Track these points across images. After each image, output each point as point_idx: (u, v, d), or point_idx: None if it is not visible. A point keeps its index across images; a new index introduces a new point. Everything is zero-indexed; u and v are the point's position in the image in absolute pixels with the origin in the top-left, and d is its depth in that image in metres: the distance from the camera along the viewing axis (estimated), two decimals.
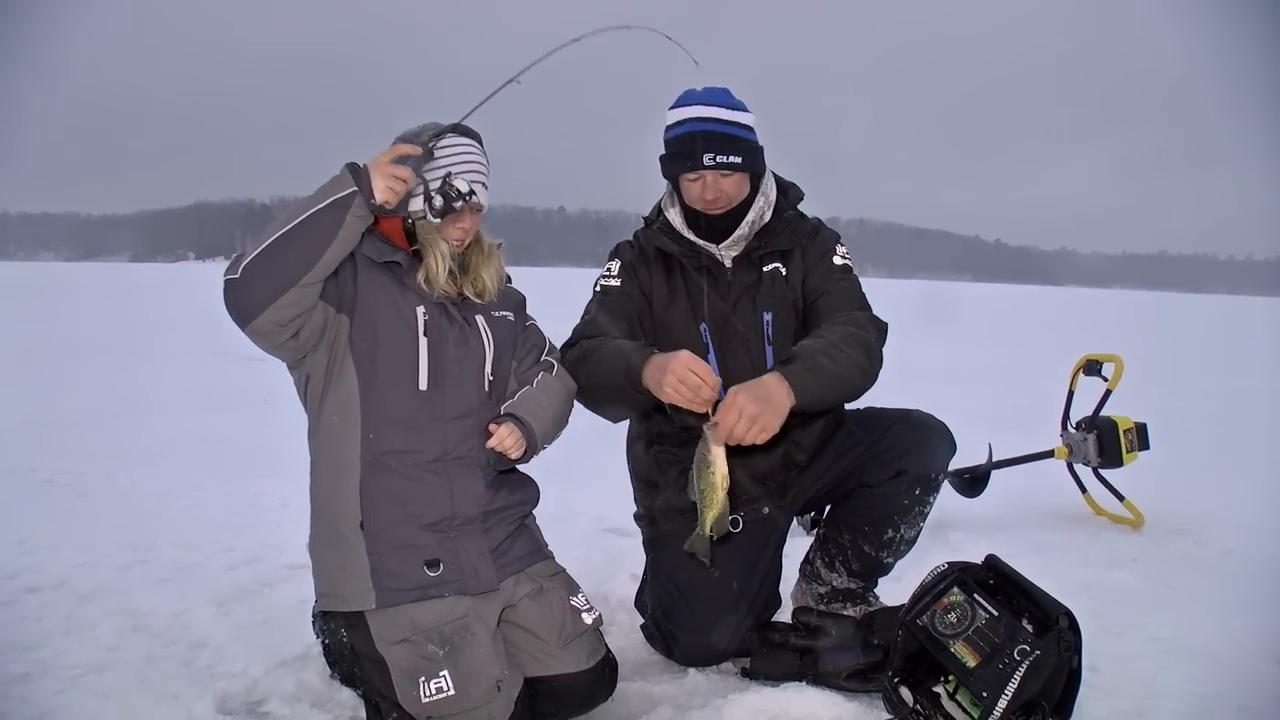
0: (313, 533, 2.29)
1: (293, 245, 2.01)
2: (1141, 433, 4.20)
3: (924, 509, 2.70)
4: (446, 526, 2.24)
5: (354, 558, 2.18)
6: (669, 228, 2.80)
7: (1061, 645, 2.04)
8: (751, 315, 2.73)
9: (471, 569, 2.24)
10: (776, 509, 2.78)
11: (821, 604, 2.88)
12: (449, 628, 2.16)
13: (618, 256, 2.85)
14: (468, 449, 2.28)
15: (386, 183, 2.06)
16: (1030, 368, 11.69)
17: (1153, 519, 4.28)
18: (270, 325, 2.03)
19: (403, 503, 2.21)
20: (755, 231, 2.75)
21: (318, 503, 2.27)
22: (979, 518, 4.28)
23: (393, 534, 2.19)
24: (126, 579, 3.30)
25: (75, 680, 2.52)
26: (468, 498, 2.27)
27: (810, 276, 2.76)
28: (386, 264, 2.24)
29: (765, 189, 2.77)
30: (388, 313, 2.20)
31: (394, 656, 2.15)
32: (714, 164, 2.60)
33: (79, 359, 10.19)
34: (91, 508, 4.26)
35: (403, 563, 2.18)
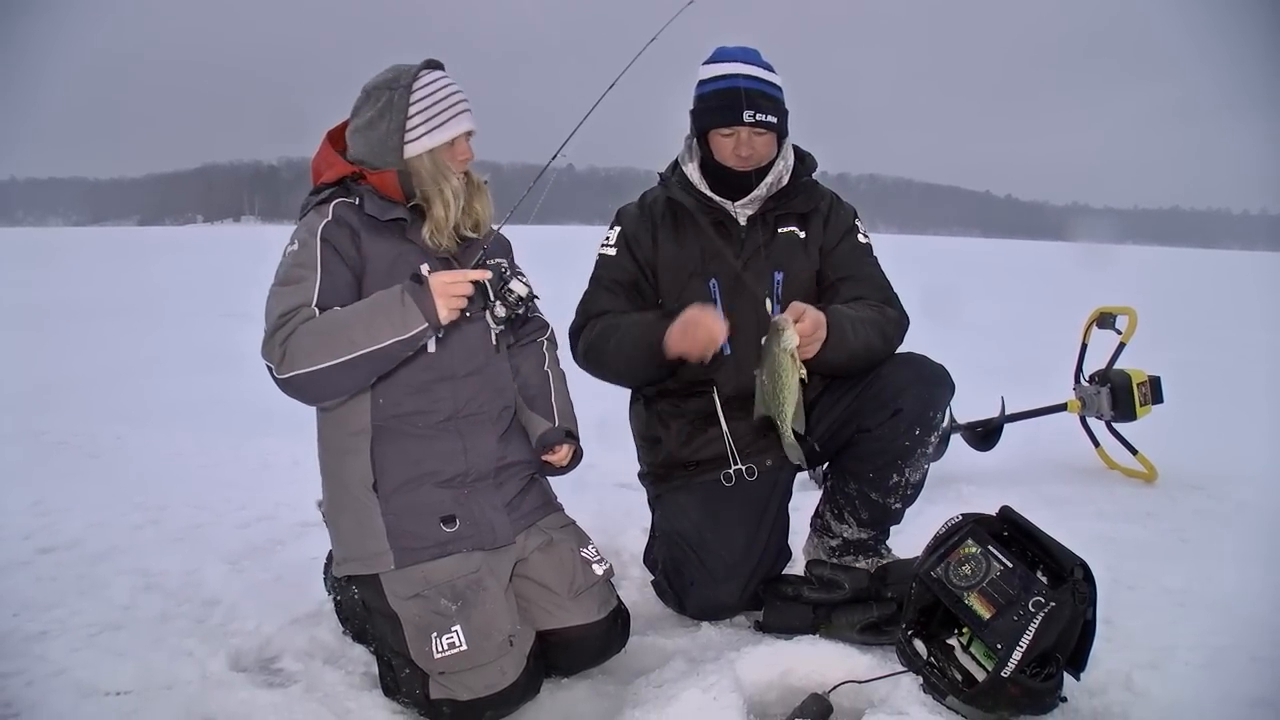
0: (326, 498, 2.30)
1: (350, 372, 2.01)
2: (1155, 386, 4.16)
3: (925, 450, 2.67)
4: (461, 482, 2.25)
5: (370, 520, 2.18)
6: (686, 182, 2.78)
7: (1076, 597, 2.03)
8: (762, 273, 2.72)
9: (487, 524, 2.25)
10: (780, 460, 2.77)
11: (833, 557, 2.87)
12: (461, 582, 2.16)
13: (618, 223, 2.85)
14: (478, 405, 2.29)
15: (449, 305, 2.02)
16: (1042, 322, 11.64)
17: (1166, 473, 4.26)
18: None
19: (416, 461, 2.21)
20: (772, 193, 2.75)
21: (329, 469, 2.28)
22: (991, 471, 4.27)
23: (407, 494, 2.20)
24: (139, 539, 3.32)
25: (91, 638, 2.53)
26: (480, 453, 2.28)
27: (834, 252, 2.79)
28: (390, 221, 2.22)
29: (785, 153, 2.77)
30: (394, 275, 2.17)
31: (406, 612, 2.16)
32: (754, 121, 2.62)
33: (89, 322, 10.20)
34: (103, 469, 4.27)
35: (419, 521, 2.19)
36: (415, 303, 1.98)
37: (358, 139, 2.27)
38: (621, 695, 2.28)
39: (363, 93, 2.28)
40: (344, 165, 2.26)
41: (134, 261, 23.57)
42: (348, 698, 2.25)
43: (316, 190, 2.27)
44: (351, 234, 2.17)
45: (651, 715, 2.06)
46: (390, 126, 2.21)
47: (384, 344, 1.99)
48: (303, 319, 2.02)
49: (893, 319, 2.66)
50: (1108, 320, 4.32)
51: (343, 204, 2.21)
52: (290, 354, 1.98)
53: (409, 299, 1.99)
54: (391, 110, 2.21)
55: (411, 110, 2.21)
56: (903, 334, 2.69)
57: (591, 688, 2.37)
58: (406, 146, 2.22)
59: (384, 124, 2.22)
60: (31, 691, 2.26)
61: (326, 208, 2.19)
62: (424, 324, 1.99)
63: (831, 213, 2.83)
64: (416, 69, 2.25)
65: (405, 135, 2.21)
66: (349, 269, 2.15)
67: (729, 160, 2.69)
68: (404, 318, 1.99)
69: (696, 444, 2.76)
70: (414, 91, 2.22)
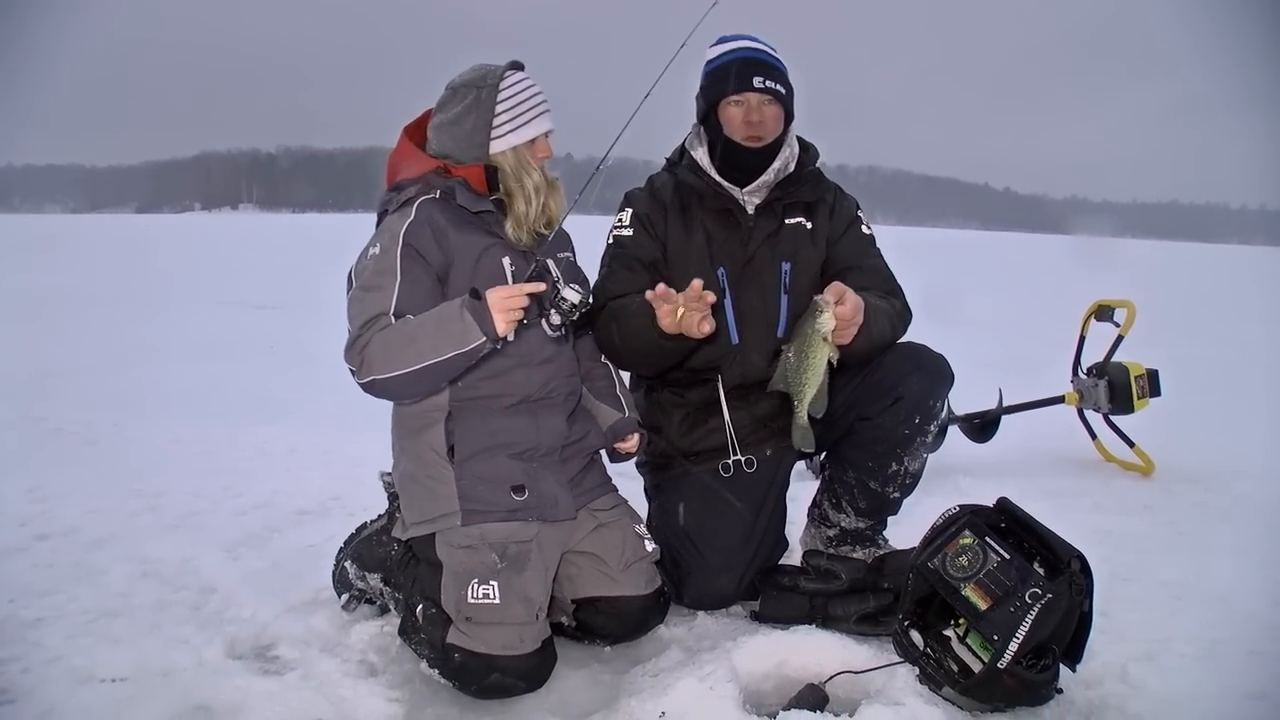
0: (398, 470, 2.42)
1: (421, 379, 2.14)
2: (1153, 379, 4.16)
3: (924, 438, 2.67)
4: (531, 456, 2.36)
5: (442, 485, 2.29)
6: (695, 166, 2.79)
7: (1073, 588, 2.03)
8: (770, 263, 2.73)
9: (551, 497, 2.35)
10: (779, 451, 2.77)
11: (831, 547, 2.88)
12: (514, 547, 2.26)
13: (629, 205, 2.83)
14: (550, 390, 2.41)
15: (507, 319, 2.10)
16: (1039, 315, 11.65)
17: (1163, 466, 4.26)
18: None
19: (492, 433, 2.33)
20: (779, 180, 2.76)
21: (403, 441, 2.40)
22: (988, 463, 4.28)
23: (481, 461, 2.30)
24: (136, 526, 3.31)
25: (87, 625, 2.53)
26: (550, 431, 2.40)
27: (839, 243, 2.80)
28: (477, 214, 2.33)
29: (791, 140, 2.79)
30: (479, 267, 2.30)
31: (453, 559, 2.26)
32: (763, 88, 2.65)
33: (87, 309, 10.18)
34: (101, 456, 4.26)
35: (491, 488, 2.29)
36: (474, 318, 2.08)
37: (443, 134, 2.39)
38: (618, 684, 2.28)
39: (448, 89, 2.41)
40: (427, 160, 2.38)
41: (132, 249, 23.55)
42: (343, 686, 2.24)
43: (396, 187, 2.37)
44: (434, 232, 2.26)
45: (648, 704, 2.07)
46: (478, 123, 2.34)
47: (446, 356, 2.10)
48: (379, 328, 2.15)
49: (899, 310, 2.66)
50: (1106, 313, 4.32)
51: (426, 201, 2.30)
52: (367, 362, 2.13)
53: (468, 315, 2.08)
54: (479, 107, 2.34)
55: (498, 108, 2.34)
56: (907, 326, 2.70)
57: (589, 676, 2.37)
58: (493, 143, 2.35)
59: (471, 120, 2.34)
60: (28, 678, 2.25)
61: (410, 208, 2.29)
62: (482, 338, 2.09)
63: (837, 204, 2.84)
64: (503, 69, 2.37)
65: (491, 131, 2.34)
66: (431, 270, 2.25)
67: (738, 132, 2.69)
68: (464, 333, 2.08)
69: (697, 434, 2.76)
70: (501, 90, 2.35)
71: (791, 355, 2.33)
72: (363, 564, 2.57)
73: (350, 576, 2.59)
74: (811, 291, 2.74)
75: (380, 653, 2.43)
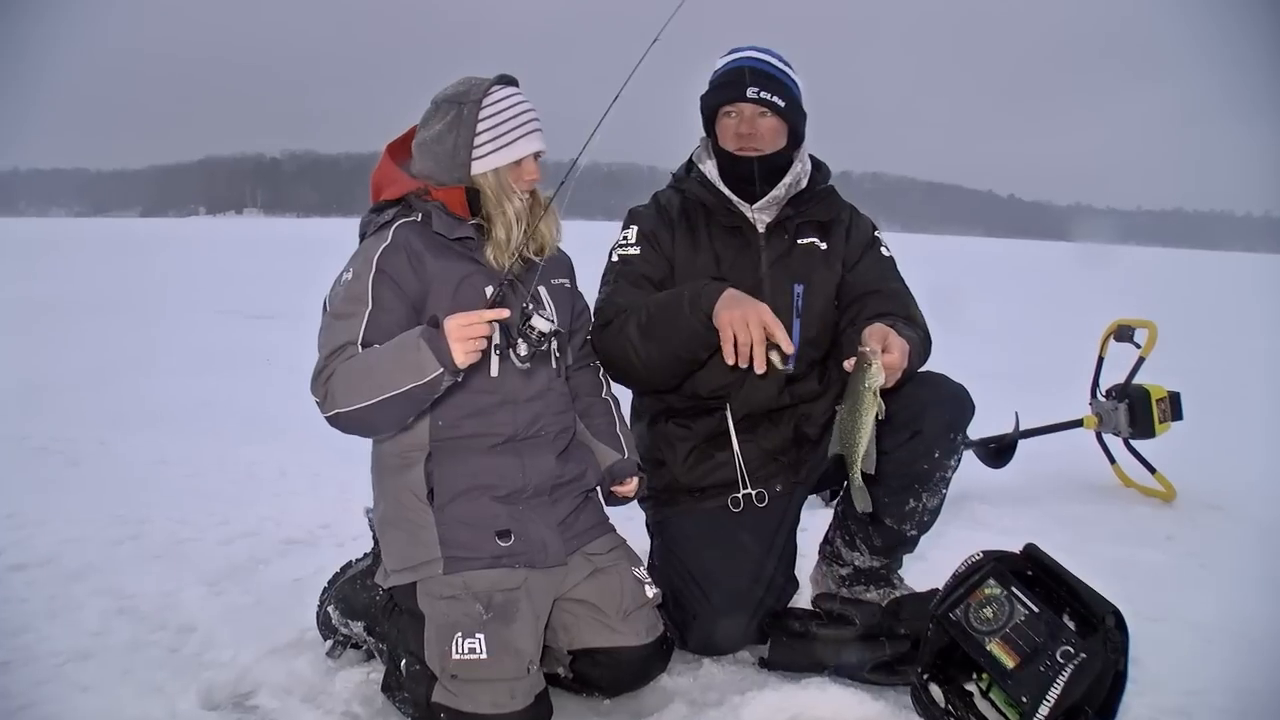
0: (377, 511, 2.28)
1: (383, 412, 1.98)
2: (1175, 402, 4.02)
3: (945, 474, 2.53)
4: (517, 498, 2.22)
5: (422, 531, 2.15)
6: (704, 179, 2.66)
7: (1109, 647, 1.89)
8: (782, 285, 2.59)
9: (540, 542, 2.20)
10: (789, 486, 2.63)
11: (843, 586, 2.73)
12: (500, 595, 2.12)
13: (634, 223, 2.68)
14: (538, 428, 2.26)
15: (466, 349, 1.93)
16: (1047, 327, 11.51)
17: (1183, 492, 4.11)
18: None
19: (474, 474, 2.18)
20: (790, 197, 2.62)
21: (382, 482, 2.26)
22: (1004, 489, 4.13)
23: (463, 504, 2.17)
24: (116, 556, 3.17)
25: (57, 669, 2.38)
26: (538, 471, 2.25)
27: (857, 266, 2.65)
28: (457, 239, 2.18)
29: (802, 156, 2.66)
30: (459, 295, 2.15)
31: (435, 611, 2.11)
32: (756, 98, 2.52)
33: (83, 318, 10.04)
34: (84, 478, 4.12)
35: (474, 533, 2.15)
36: (431, 348, 1.91)
37: (424, 152, 2.24)
38: None
39: (431, 105, 2.26)
40: (408, 181, 2.24)
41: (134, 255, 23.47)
42: None
43: (378, 208, 2.24)
44: (411, 258, 2.12)
45: None
46: (458, 141, 2.18)
47: (404, 388, 1.93)
48: (344, 358, 2.01)
49: (923, 339, 2.50)
50: (1126, 333, 4.16)
51: (405, 225, 2.17)
52: (331, 394, 1.99)
53: (424, 345, 1.92)
54: (460, 125, 2.18)
55: (480, 126, 2.18)
56: (929, 354, 2.54)
57: None
58: (474, 163, 2.19)
59: (452, 139, 2.19)
60: None
61: (387, 231, 2.16)
62: (439, 369, 1.92)
63: (853, 224, 2.70)
64: (488, 83, 2.22)
65: (473, 151, 2.18)
66: (405, 298, 2.11)
67: (730, 144, 2.57)
68: (420, 364, 1.92)
69: (704, 468, 2.61)
70: (484, 107, 2.19)
71: (845, 415, 2.14)
72: (346, 610, 2.42)
73: (334, 622, 2.44)
74: (824, 316, 2.61)
75: (365, 704, 2.29)
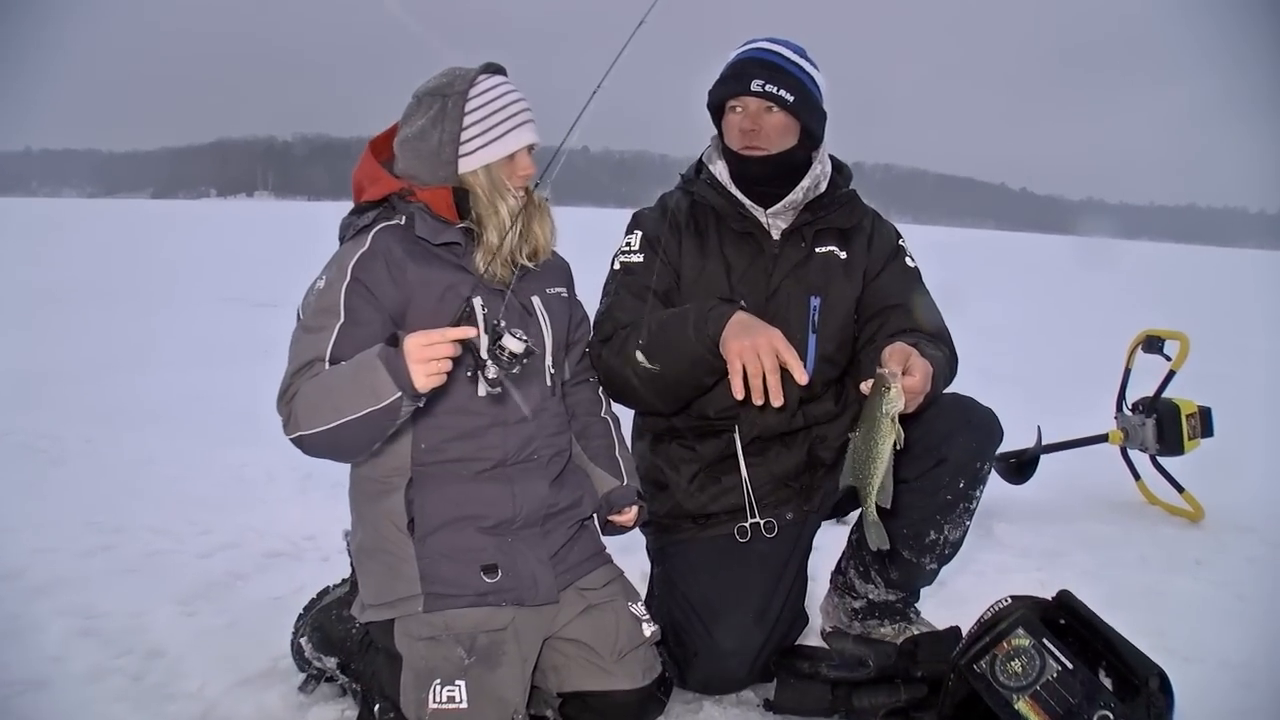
0: (355, 539, 2.10)
1: (345, 437, 1.80)
2: (1205, 418, 3.82)
3: (969, 505, 2.35)
4: (506, 529, 2.04)
5: (402, 564, 1.97)
6: (714, 181, 2.45)
7: (1152, 713, 1.71)
8: (797, 297, 2.39)
9: (530, 577, 2.03)
10: (801, 514, 2.45)
11: (856, 620, 2.56)
12: (484, 638, 1.95)
13: (638, 228, 2.49)
14: (531, 452, 2.08)
15: (427, 371, 1.71)
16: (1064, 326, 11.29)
17: (1211, 510, 3.91)
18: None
19: (458, 503, 2.00)
20: (808, 201, 2.41)
21: (359, 508, 2.09)
22: (1024, 506, 3.92)
23: (447, 536, 1.99)
24: (87, 569, 3.00)
25: (7, 702, 2.22)
26: (530, 499, 2.06)
27: (880, 278, 2.45)
28: (443, 245, 1.99)
29: (821, 158, 2.44)
30: (443, 307, 1.94)
31: (413, 653, 1.95)
32: (760, 91, 2.30)
33: (85, 306, 9.90)
34: (65, 480, 3.95)
35: (458, 567, 1.98)
36: (388, 370, 1.71)
37: (407, 150, 2.05)
38: None
39: (414, 98, 2.06)
40: (390, 180, 2.04)
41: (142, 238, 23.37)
42: None
43: (359, 209, 2.04)
44: (390, 265, 1.94)
45: None
46: (444, 137, 1.99)
47: (362, 413, 1.74)
48: (310, 376, 1.84)
49: (949, 358, 2.31)
50: (1155, 344, 3.94)
51: (385, 230, 1.98)
52: (294, 415, 1.82)
53: (380, 365, 1.71)
54: (445, 119, 1.99)
55: (467, 120, 2.00)
56: (955, 375, 2.35)
57: None
58: (461, 160, 2.00)
59: (436, 134, 2.00)
60: None
61: (365, 236, 1.97)
62: (397, 393, 1.71)
63: (875, 232, 2.49)
64: (474, 73, 2.04)
65: (460, 148, 2.00)
66: (382, 310, 1.93)
67: (735, 142, 2.37)
68: (377, 386, 1.72)
69: (710, 493, 2.43)
70: (470, 99, 2.00)
71: (860, 443, 1.94)
72: (321, 642, 2.25)
73: (307, 654, 2.27)
74: (843, 331, 2.41)
75: None
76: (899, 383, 1.90)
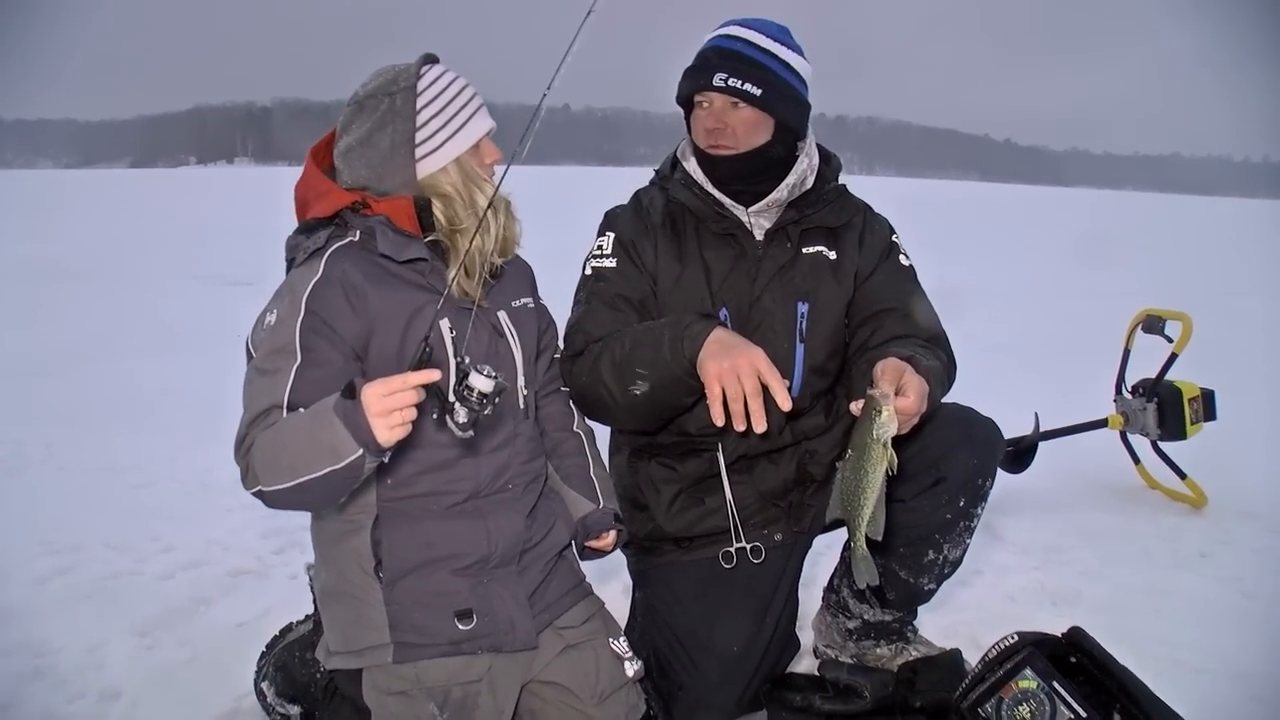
0: (319, 578, 1.93)
1: (307, 495, 1.61)
2: (1208, 401, 3.69)
3: (970, 524, 2.21)
4: (480, 569, 1.87)
5: (369, 610, 1.81)
6: (689, 179, 2.27)
7: None
8: (783, 302, 2.22)
9: (507, 621, 1.86)
10: (791, 535, 2.30)
11: (851, 640, 2.43)
12: (457, 690, 1.81)
13: (610, 229, 2.30)
14: (505, 481, 1.92)
15: (389, 424, 1.51)
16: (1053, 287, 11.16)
17: (1214, 495, 3.79)
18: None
19: (429, 543, 1.83)
20: (794, 198, 2.23)
21: (322, 548, 1.91)
22: (1021, 496, 3.79)
23: (417, 580, 1.82)
24: (42, 596, 2.84)
25: None
26: (505, 534, 1.89)
27: (872, 279, 2.27)
28: (407, 262, 1.79)
29: (808, 151, 2.26)
30: (410, 337, 1.77)
31: (382, 709, 1.80)
32: (724, 86, 2.11)
33: (52, 287, 9.64)
34: (21, 492, 3.79)
35: (430, 614, 1.81)
36: (347, 425, 1.52)
37: (354, 159, 1.84)
38: None
39: (352, 104, 1.86)
40: (341, 193, 1.82)
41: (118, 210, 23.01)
42: None
43: (306, 228, 1.83)
44: (348, 293, 1.74)
45: None
46: (396, 138, 1.80)
47: (320, 473, 1.55)
48: (266, 425, 1.65)
49: (946, 366, 2.14)
50: (1155, 325, 3.79)
51: (339, 252, 1.77)
52: (252, 469, 1.64)
53: (338, 422, 1.52)
54: (395, 119, 1.81)
55: (422, 115, 1.81)
56: (953, 384, 2.18)
57: None
58: (425, 161, 1.82)
59: (387, 137, 1.81)
60: None
61: (318, 261, 1.76)
62: (358, 451, 1.52)
63: (867, 229, 2.31)
64: (415, 66, 1.85)
65: (418, 148, 1.81)
66: (343, 345, 1.74)
67: (701, 139, 2.20)
68: (335, 444, 1.52)
69: (692, 515, 2.27)
70: (420, 93, 1.82)
71: (849, 472, 1.79)
72: (284, 686, 2.11)
73: (269, 700, 2.13)
74: (833, 339, 2.25)
75: None
76: (891, 405, 1.74)
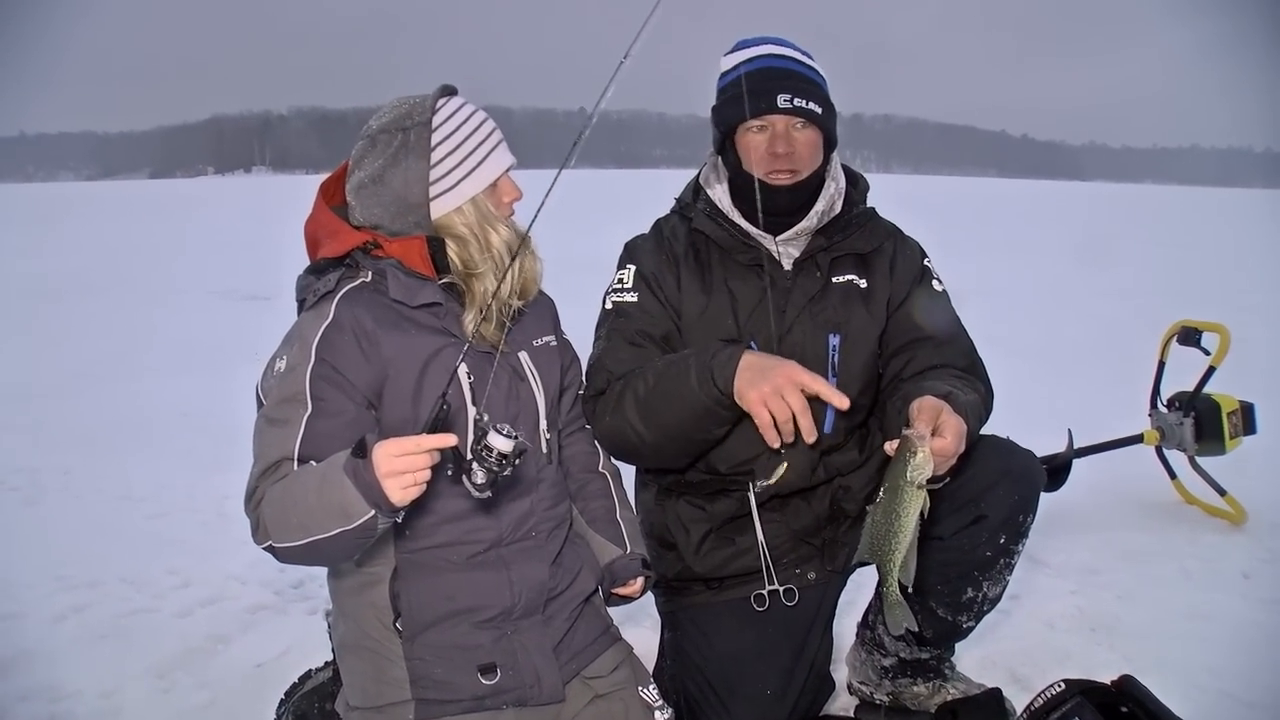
0: (338, 629, 1.87)
1: (319, 554, 1.57)
2: (1248, 414, 3.58)
3: (1011, 560, 2.12)
4: (503, 621, 1.80)
5: (389, 665, 1.75)
6: (714, 209, 2.18)
7: None
8: (814, 335, 2.13)
9: (532, 674, 1.80)
10: (824, 574, 2.21)
11: (886, 678, 2.34)
12: None
13: (631, 261, 2.22)
14: (528, 529, 1.85)
15: (402, 485, 1.46)
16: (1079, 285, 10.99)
17: (1254, 510, 3.66)
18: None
19: (450, 596, 1.77)
20: (823, 224, 2.15)
21: (341, 601, 1.85)
22: (1057, 514, 3.64)
23: (439, 634, 1.76)
24: (57, 638, 2.79)
25: None
26: (529, 584, 1.82)
27: (905, 306, 2.18)
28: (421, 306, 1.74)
29: (834, 173, 2.17)
30: (426, 383, 1.71)
31: None
32: (790, 107, 2.04)
33: (70, 304, 9.73)
34: (37, 524, 3.75)
35: (453, 669, 1.75)
36: (358, 486, 1.46)
37: (365, 196, 1.78)
38: None
39: (365, 139, 1.79)
40: (351, 233, 1.76)
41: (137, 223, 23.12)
42: None
43: (316, 268, 1.76)
44: (360, 339, 1.68)
45: None
46: (410, 176, 1.74)
47: (330, 533, 1.50)
48: (276, 478, 1.60)
49: (984, 397, 2.06)
50: (1191, 337, 3.67)
51: (350, 295, 1.72)
52: (262, 524, 1.59)
53: (348, 482, 1.46)
54: (409, 155, 1.74)
55: (437, 153, 1.74)
56: (990, 415, 2.09)
57: None
58: (438, 201, 1.75)
59: (400, 174, 1.74)
60: None
61: (327, 306, 1.70)
62: (370, 512, 1.46)
63: (898, 254, 2.22)
64: (432, 99, 1.78)
65: (432, 187, 1.74)
66: (356, 393, 1.68)
67: (760, 166, 2.07)
68: (345, 505, 1.47)
69: (722, 556, 2.18)
70: (435, 129, 1.75)
71: (880, 515, 1.72)
72: None
73: None
74: (866, 371, 2.16)
75: None
76: (927, 446, 1.66)
